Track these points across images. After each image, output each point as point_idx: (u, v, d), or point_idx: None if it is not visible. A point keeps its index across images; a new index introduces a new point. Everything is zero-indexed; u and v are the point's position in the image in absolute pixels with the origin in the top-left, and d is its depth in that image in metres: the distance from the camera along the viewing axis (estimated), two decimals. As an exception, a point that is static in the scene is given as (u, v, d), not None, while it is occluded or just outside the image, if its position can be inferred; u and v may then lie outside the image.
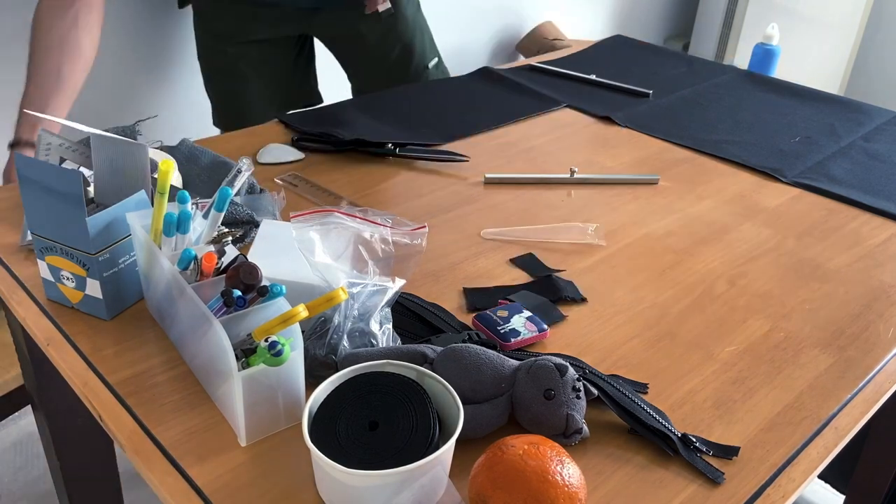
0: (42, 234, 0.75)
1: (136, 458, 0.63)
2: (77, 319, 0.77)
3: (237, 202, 0.91)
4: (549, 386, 0.64)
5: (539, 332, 0.77)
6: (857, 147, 1.28)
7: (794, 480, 0.64)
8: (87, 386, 0.70)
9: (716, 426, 0.69)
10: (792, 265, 0.94)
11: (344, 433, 0.58)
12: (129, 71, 2.01)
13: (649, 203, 1.07)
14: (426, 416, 0.59)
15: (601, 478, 0.63)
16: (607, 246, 0.96)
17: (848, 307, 0.87)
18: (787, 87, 1.52)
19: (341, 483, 0.56)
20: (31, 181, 0.72)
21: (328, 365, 0.69)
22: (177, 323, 0.72)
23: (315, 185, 1.05)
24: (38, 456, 1.72)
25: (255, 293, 0.65)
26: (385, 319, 0.73)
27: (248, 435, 0.64)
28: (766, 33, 1.82)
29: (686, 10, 3.54)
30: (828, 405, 0.72)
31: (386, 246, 0.73)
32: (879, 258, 0.97)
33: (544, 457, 0.56)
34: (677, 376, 0.75)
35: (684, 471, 0.64)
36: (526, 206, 1.04)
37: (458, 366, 0.65)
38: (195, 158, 1.01)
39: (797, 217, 1.06)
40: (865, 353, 0.80)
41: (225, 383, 0.63)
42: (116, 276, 0.76)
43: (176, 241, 0.72)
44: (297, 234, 0.71)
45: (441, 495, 0.58)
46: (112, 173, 0.79)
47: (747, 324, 0.83)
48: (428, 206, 1.03)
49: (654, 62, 1.63)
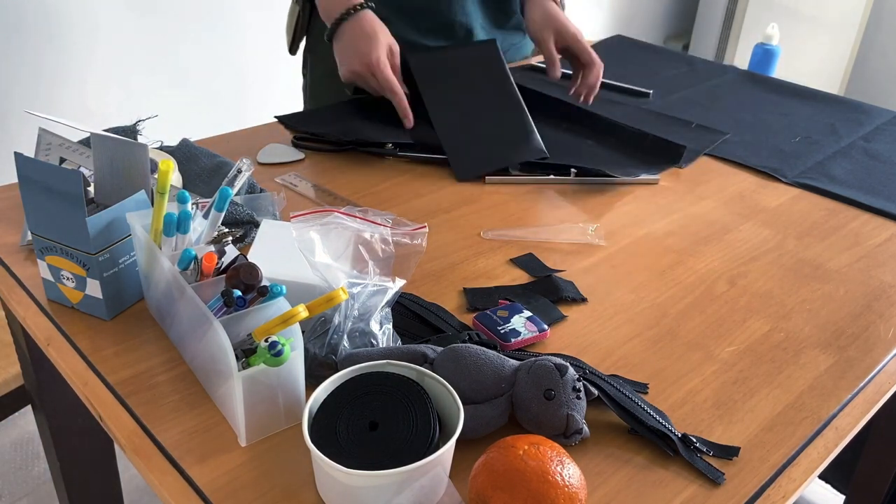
0: (42, 234, 0.75)
1: (136, 458, 0.63)
2: (77, 319, 0.77)
3: (237, 202, 0.90)
4: (549, 386, 0.64)
5: (539, 332, 0.77)
6: (858, 147, 1.28)
7: (794, 480, 0.64)
8: (87, 386, 0.70)
9: (716, 426, 0.69)
10: (792, 265, 0.94)
11: (344, 433, 0.58)
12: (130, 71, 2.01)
13: (649, 203, 1.07)
14: (426, 416, 0.59)
15: (601, 478, 0.63)
16: (607, 246, 0.96)
17: (848, 307, 0.87)
18: (787, 87, 1.52)
19: (341, 483, 0.56)
20: (31, 181, 0.72)
21: (328, 365, 0.69)
22: (177, 323, 0.72)
23: (315, 185, 1.05)
24: (38, 456, 1.72)
25: (255, 293, 0.65)
26: (385, 319, 0.73)
27: (248, 435, 0.64)
28: (766, 33, 1.82)
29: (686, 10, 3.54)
30: (828, 405, 0.72)
31: (386, 246, 0.73)
32: (879, 258, 0.97)
33: (544, 457, 0.56)
34: (677, 376, 0.75)
35: (684, 471, 0.64)
36: (526, 206, 1.04)
37: (458, 366, 0.65)
38: (195, 158, 1.01)
39: (797, 217, 1.06)
40: (866, 353, 0.79)
41: (225, 383, 0.63)
42: (116, 276, 0.76)
43: (176, 241, 0.72)
44: (297, 234, 0.71)
45: (441, 495, 0.58)
46: (112, 173, 0.79)
47: (747, 324, 0.83)
48: (428, 206, 1.03)
49: (654, 62, 1.63)
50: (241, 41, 2.20)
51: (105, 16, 1.92)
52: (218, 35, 2.15)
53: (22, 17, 1.76)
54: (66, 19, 1.85)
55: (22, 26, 1.76)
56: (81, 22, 1.88)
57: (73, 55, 1.89)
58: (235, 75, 2.23)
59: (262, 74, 2.28)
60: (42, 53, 1.83)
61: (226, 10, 2.14)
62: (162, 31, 2.04)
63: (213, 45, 2.15)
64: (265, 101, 2.29)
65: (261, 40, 2.22)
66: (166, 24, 2.04)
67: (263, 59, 2.25)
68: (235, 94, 2.25)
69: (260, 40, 2.22)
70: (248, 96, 2.28)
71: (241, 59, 2.22)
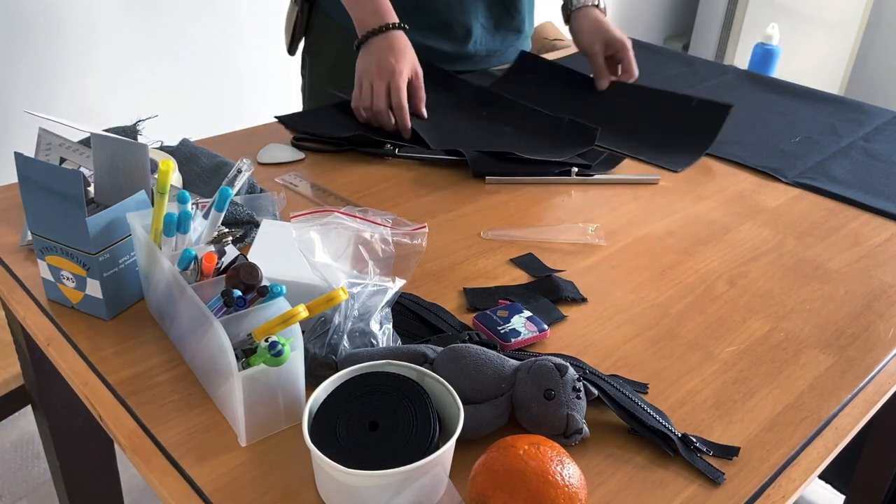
0: (42, 234, 0.75)
1: (136, 458, 0.63)
2: (77, 319, 0.77)
3: (237, 202, 0.90)
4: (549, 386, 0.64)
5: (539, 332, 0.77)
6: (857, 147, 1.28)
7: (794, 480, 0.65)
8: (87, 386, 0.70)
9: (716, 426, 0.69)
10: (792, 265, 0.94)
11: (344, 433, 0.58)
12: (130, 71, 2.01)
13: (649, 203, 1.07)
14: (426, 416, 0.59)
15: (601, 478, 0.63)
16: (607, 246, 0.96)
17: (848, 307, 0.87)
18: (787, 87, 1.51)
19: (341, 483, 0.56)
20: (31, 181, 0.72)
21: (328, 365, 0.69)
22: (177, 323, 0.72)
23: (315, 185, 1.05)
24: (38, 456, 1.72)
25: (255, 293, 0.65)
26: (385, 319, 0.73)
27: (248, 435, 0.64)
28: (766, 33, 1.82)
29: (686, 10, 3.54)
30: (828, 405, 0.72)
31: (386, 246, 0.73)
32: (879, 258, 0.97)
33: (544, 457, 0.56)
34: (677, 376, 0.75)
35: (684, 471, 0.64)
36: (526, 206, 1.04)
37: (458, 366, 0.65)
38: (195, 158, 1.01)
39: (797, 217, 1.06)
40: (865, 353, 0.80)
41: (225, 383, 0.63)
42: (116, 276, 0.76)
43: (176, 241, 0.72)
44: (297, 234, 0.71)
45: (441, 495, 0.58)
46: (112, 173, 0.79)
47: (747, 324, 0.83)
48: (428, 206, 1.03)
49: (654, 62, 1.63)
50: (242, 41, 2.20)
51: (105, 16, 1.92)
52: (218, 35, 2.15)
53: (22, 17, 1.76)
54: (67, 19, 1.85)
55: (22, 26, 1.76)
56: (81, 22, 1.88)
57: (73, 55, 1.89)
58: (235, 75, 2.23)
59: (262, 74, 2.28)
60: (42, 53, 1.83)
61: (226, 9, 2.14)
62: (162, 31, 2.04)
63: (213, 45, 2.15)
64: (265, 101, 2.29)
65: (261, 40, 2.22)
66: (166, 24, 2.04)
67: (263, 60, 2.25)
68: (235, 95, 2.25)
69: (260, 40, 2.22)
70: (248, 96, 2.28)
71: (242, 59, 2.22)
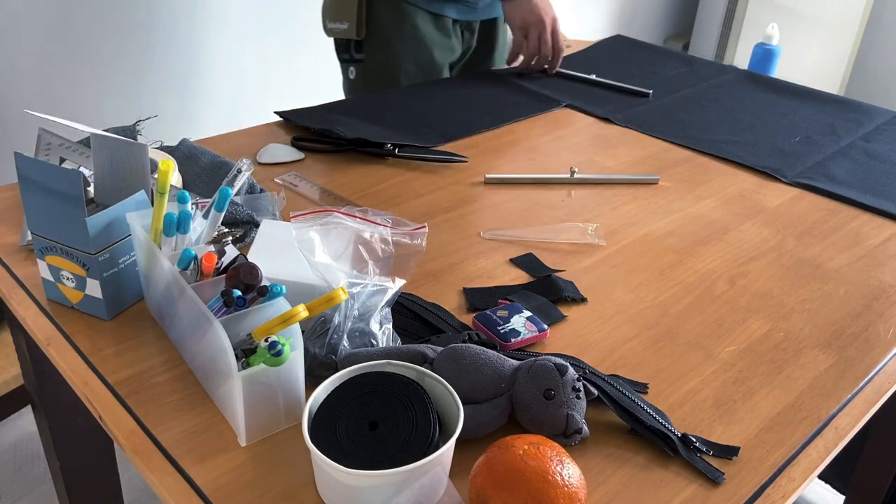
0: (42, 234, 0.75)
1: (136, 458, 0.63)
2: (77, 319, 0.77)
3: (237, 202, 0.90)
4: (549, 386, 0.64)
5: (539, 332, 0.77)
6: (857, 147, 1.28)
7: (794, 480, 0.65)
8: (87, 386, 0.70)
9: (716, 426, 0.69)
10: (792, 265, 0.94)
11: (344, 433, 0.58)
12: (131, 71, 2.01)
13: (649, 203, 1.07)
14: (426, 416, 0.59)
15: (601, 478, 0.63)
16: (607, 246, 0.96)
17: (848, 307, 0.87)
18: (787, 87, 1.52)
19: (341, 483, 0.56)
20: (31, 181, 0.72)
21: (328, 365, 0.69)
22: (177, 323, 0.72)
23: (315, 185, 1.05)
24: (38, 456, 1.72)
25: (255, 293, 0.65)
26: (385, 319, 0.73)
27: (248, 435, 0.64)
28: (766, 33, 1.82)
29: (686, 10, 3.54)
30: (828, 405, 0.72)
31: (386, 246, 0.73)
32: (879, 258, 0.97)
33: (544, 457, 0.56)
34: (677, 376, 0.75)
35: (684, 471, 0.64)
36: (526, 206, 1.04)
37: (458, 366, 0.65)
38: (195, 158, 1.01)
39: (797, 217, 1.06)
40: (865, 353, 0.80)
41: (225, 383, 0.63)
42: (116, 276, 0.76)
43: (176, 241, 0.72)
44: (297, 234, 0.71)
45: (441, 495, 0.58)
46: (112, 173, 0.79)
47: (747, 324, 0.83)
48: (428, 206, 1.03)
49: (654, 62, 1.63)
50: (242, 41, 2.20)
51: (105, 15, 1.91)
52: (218, 35, 2.15)
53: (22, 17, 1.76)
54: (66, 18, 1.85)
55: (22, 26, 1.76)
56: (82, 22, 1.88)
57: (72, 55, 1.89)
58: (235, 75, 2.23)
59: (262, 75, 2.28)
60: (42, 53, 1.83)
61: (226, 9, 2.14)
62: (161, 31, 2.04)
63: (213, 44, 2.15)
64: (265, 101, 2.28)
65: (261, 40, 2.22)
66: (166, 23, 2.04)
67: (263, 60, 2.25)
68: (235, 94, 2.25)
69: (260, 40, 2.22)
70: (248, 96, 2.28)
71: (242, 59, 2.22)
